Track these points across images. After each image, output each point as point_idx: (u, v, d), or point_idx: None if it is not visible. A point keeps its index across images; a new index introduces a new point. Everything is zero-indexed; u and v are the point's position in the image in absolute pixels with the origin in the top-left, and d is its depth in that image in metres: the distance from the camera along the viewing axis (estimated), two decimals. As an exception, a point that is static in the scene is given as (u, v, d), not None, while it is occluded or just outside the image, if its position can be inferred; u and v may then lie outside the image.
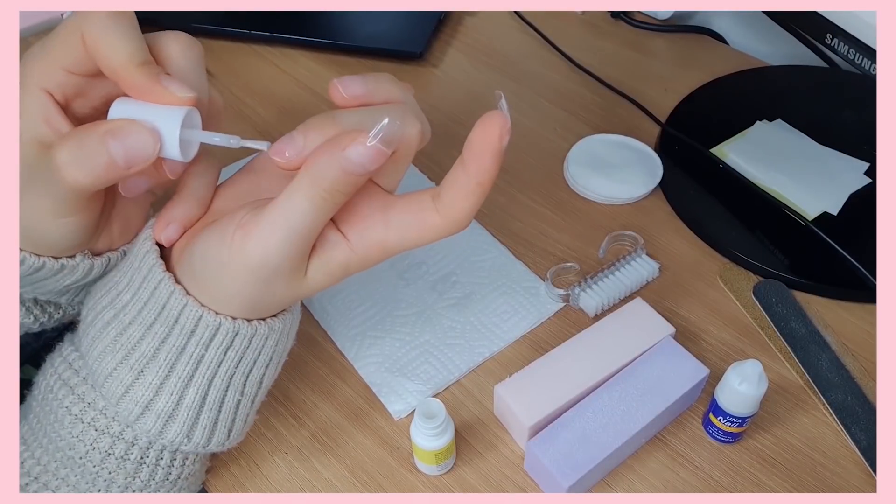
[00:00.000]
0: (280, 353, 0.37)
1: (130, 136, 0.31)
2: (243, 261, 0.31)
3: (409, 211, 0.33)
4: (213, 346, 0.34)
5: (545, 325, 0.49)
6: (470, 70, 0.70)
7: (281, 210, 0.30)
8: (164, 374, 0.34)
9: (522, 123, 0.64)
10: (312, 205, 0.30)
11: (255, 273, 0.31)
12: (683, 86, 0.66)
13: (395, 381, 0.45)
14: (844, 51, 0.50)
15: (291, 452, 0.43)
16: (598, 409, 0.41)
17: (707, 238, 0.54)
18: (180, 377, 0.34)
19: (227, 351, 0.34)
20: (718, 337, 0.48)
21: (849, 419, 0.43)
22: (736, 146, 0.59)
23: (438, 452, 0.39)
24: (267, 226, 0.31)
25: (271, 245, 0.31)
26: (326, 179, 0.30)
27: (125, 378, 0.34)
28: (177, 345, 0.33)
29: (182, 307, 0.33)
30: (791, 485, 0.41)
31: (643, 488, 0.41)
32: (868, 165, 0.57)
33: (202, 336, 0.33)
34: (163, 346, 0.33)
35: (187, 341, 0.33)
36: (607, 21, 0.75)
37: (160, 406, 0.34)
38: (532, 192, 0.58)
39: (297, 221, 0.30)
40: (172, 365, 0.34)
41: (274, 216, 0.31)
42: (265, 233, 0.31)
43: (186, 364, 0.34)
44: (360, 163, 0.30)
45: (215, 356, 0.34)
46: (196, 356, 0.34)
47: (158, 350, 0.33)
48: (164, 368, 0.34)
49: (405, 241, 0.33)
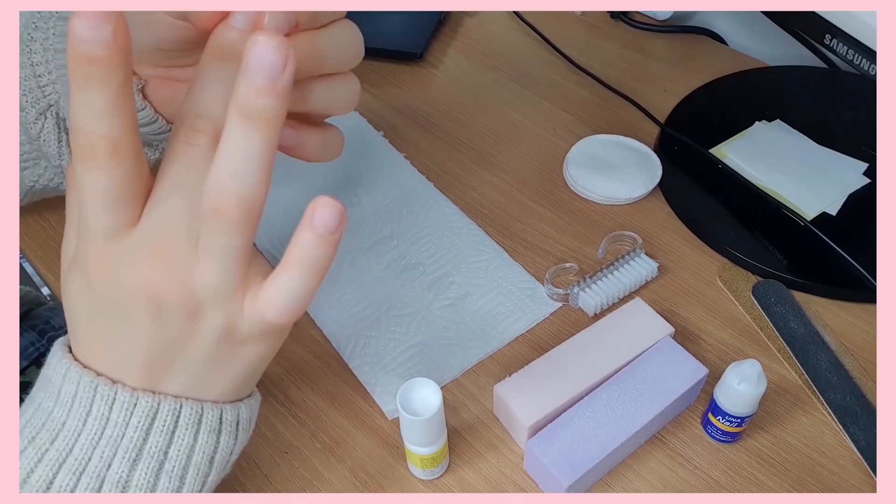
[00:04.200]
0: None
1: None
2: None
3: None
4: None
5: (544, 325, 0.49)
6: (470, 70, 0.70)
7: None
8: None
9: (522, 123, 0.64)
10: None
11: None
12: (683, 86, 0.66)
13: (389, 381, 0.45)
14: (844, 51, 0.50)
15: (291, 452, 0.43)
16: (597, 409, 0.41)
17: (706, 238, 0.54)
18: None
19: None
20: (717, 337, 0.48)
21: (848, 419, 0.43)
22: (735, 146, 0.60)
23: (424, 458, 0.39)
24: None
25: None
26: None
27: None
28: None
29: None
30: (790, 485, 0.41)
31: (642, 488, 0.41)
32: (867, 166, 0.57)
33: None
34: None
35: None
36: (607, 21, 0.75)
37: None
38: (531, 192, 0.58)
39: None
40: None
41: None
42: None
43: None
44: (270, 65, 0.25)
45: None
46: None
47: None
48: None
49: None
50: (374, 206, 0.56)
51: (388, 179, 0.58)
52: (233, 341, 0.30)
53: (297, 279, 0.28)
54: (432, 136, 0.63)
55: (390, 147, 0.61)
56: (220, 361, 0.31)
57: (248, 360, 0.32)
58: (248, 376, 0.32)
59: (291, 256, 0.28)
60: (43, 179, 0.46)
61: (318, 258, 0.28)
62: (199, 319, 0.29)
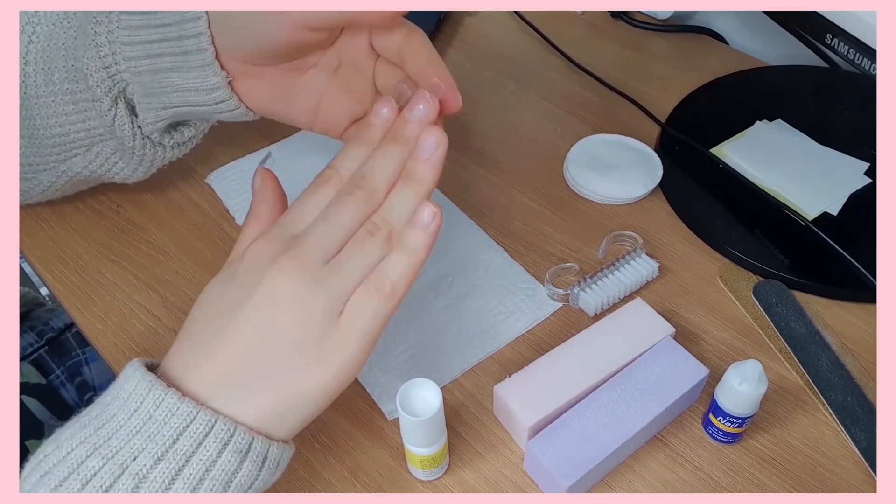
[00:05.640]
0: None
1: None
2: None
3: None
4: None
5: (545, 325, 0.49)
6: (470, 70, 0.70)
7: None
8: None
9: (522, 123, 0.64)
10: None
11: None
12: (683, 86, 0.66)
13: (389, 382, 0.45)
14: (844, 51, 0.50)
15: (291, 453, 0.43)
16: (597, 410, 0.41)
17: (707, 238, 0.54)
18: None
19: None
20: (718, 337, 0.48)
21: (848, 419, 0.43)
22: (736, 146, 0.59)
23: (424, 459, 0.39)
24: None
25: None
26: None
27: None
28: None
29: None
30: (791, 485, 0.41)
31: (643, 488, 0.41)
32: (868, 165, 0.57)
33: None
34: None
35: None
36: (607, 21, 0.75)
37: None
38: (532, 192, 0.58)
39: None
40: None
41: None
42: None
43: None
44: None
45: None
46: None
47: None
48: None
49: None
50: (374, 206, 0.56)
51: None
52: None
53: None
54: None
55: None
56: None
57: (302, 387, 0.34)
58: (292, 406, 0.34)
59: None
60: (93, 165, 0.48)
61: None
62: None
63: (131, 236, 0.55)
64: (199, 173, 0.59)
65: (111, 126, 0.45)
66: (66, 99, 0.44)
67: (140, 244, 0.55)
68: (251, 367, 0.33)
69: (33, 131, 0.45)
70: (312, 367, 0.33)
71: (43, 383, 0.62)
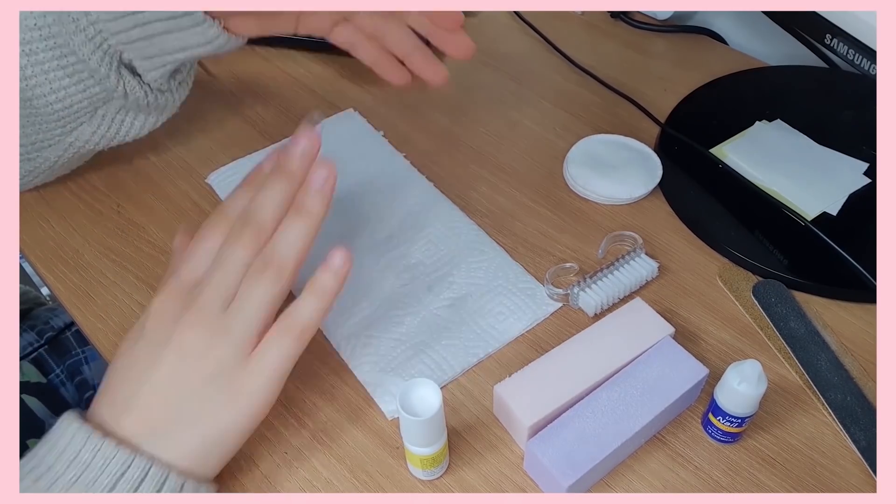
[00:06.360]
0: None
1: None
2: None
3: None
4: None
5: (544, 325, 0.49)
6: (470, 70, 0.70)
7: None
8: None
9: (522, 123, 0.64)
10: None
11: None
12: (683, 86, 0.66)
13: (389, 381, 0.45)
14: (844, 51, 0.50)
15: (291, 452, 0.43)
16: (597, 409, 0.41)
17: (706, 238, 0.54)
18: None
19: None
20: (718, 337, 0.48)
21: (848, 419, 0.43)
22: (735, 146, 0.60)
23: (424, 459, 0.39)
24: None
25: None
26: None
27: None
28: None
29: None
30: (790, 485, 0.41)
31: (643, 488, 0.41)
32: (867, 166, 0.57)
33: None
34: None
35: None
36: (607, 21, 0.75)
37: None
38: (531, 192, 0.58)
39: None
40: None
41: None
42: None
43: None
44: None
45: None
46: None
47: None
48: None
49: None
50: (373, 206, 0.56)
51: (388, 180, 0.58)
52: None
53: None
54: (432, 136, 0.63)
55: (390, 147, 0.61)
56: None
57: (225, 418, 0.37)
58: (214, 446, 0.37)
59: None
60: (101, 129, 0.49)
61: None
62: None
63: (132, 236, 0.55)
64: (200, 173, 0.60)
65: (116, 90, 0.46)
66: (59, 74, 0.45)
67: (140, 244, 0.55)
68: (173, 413, 0.37)
69: (32, 110, 0.46)
70: (227, 409, 0.37)
71: (43, 382, 0.62)
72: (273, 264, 0.38)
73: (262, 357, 0.38)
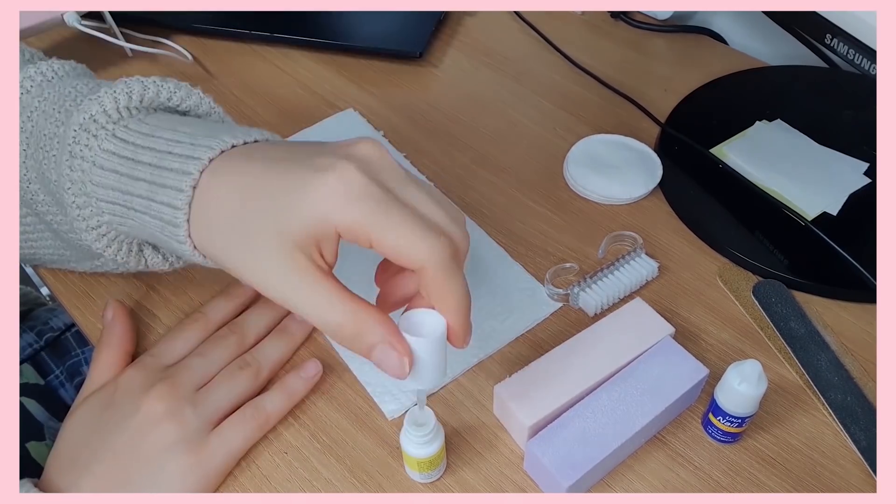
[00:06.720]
0: None
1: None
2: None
3: None
4: None
5: (545, 325, 0.49)
6: (470, 70, 0.70)
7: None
8: None
9: (522, 123, 0.64)
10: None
11: None
12: (683, 86, 0.66)
13: (389, 381, 0.45)
14: (844, 51, 0.50)
15: (291, 452, 0.43)
16: (597, 409, 0.41)
17: (706, 238, 0.54)
18: None
19: None
20: (718, 337, 0.48)
21: (848, 419, 0.43)
22: (735, 146, 0.60)
23: (421, 461, 0.39)
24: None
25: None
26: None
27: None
28: None
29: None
30: (790, 485, 0.41)
31: (643, 488, 0.41)
32: (868, 165, 0.57)
33: None
34: None
35: None
36: (607, 21, 0.75)
37: None
38: (532, 192, 0.58)
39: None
40: None
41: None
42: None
43: None
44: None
45: None
46: None
47: None
48: None
49: None
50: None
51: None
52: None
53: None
54: (432, 136, 0.63)
55: (390, 147, 0.61)
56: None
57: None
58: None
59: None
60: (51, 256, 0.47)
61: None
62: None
63: (131, 236, 0.55)
64: (199, 173, 0.59)
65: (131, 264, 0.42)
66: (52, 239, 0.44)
67: (140, 244, 0.55)
68: (135, 478, 0.38)
69: (59, 234, 0.43)
70: (181, 477, 0.39)
71: (41, 384, 0.62)
72: (252, 367, 0.43)
73: (224, 434, 0.40)
